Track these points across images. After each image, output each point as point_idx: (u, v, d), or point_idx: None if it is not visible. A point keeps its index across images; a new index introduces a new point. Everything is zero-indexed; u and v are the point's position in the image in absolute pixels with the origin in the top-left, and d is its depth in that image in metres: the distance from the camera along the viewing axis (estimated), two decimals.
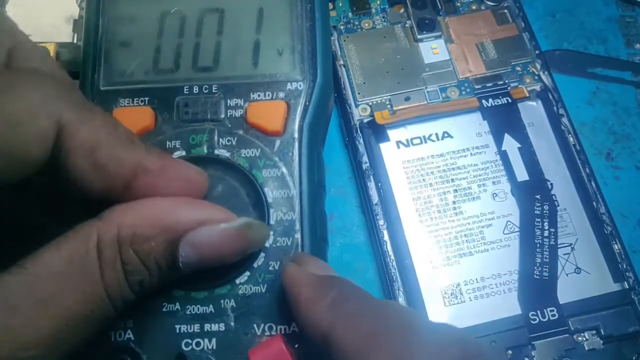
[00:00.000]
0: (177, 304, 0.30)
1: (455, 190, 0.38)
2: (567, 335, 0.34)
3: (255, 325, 0.30)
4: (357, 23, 0.43)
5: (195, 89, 0.33)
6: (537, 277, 0.35)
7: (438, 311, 0.35)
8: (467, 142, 0.39)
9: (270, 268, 0.30)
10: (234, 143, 0.32)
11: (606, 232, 0.37)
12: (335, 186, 0.41)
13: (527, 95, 0.41)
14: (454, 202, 0.38)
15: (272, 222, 0.31)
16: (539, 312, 0.35)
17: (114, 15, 0.34)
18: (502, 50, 0.42)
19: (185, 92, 0.33)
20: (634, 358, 0.34)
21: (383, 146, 0.39)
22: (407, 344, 0.22)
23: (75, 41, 0.39)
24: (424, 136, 0.39)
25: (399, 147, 0.39)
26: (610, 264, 0.36)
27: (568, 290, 0.35)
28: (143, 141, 0.29)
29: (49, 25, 0.39)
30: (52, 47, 0.38)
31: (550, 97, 0.41)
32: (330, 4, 0.43)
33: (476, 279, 0.36)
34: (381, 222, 0.37)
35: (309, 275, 0.27)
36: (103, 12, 0.34)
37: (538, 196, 0.38)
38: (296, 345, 0.29)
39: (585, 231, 0.37)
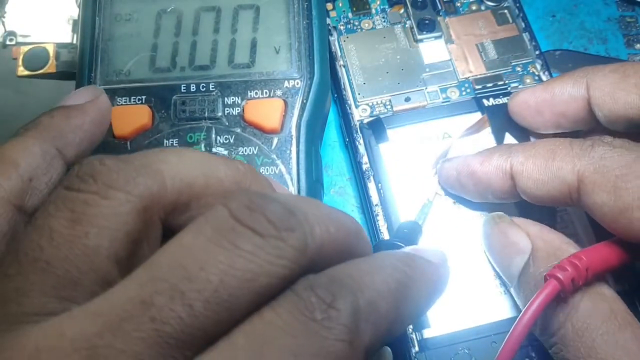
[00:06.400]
0: None
1: None
2: None
3: None
4: (357, 23, 0.43)
5: (193, 87, 0.33)
6: None
7: (438, 312, 0.35)
8: (467, 142, 0.39)
9: None
10: (231, 141, 0.32)
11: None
12: (335, 187, 0.40)
13: None
14: (454, 203, 0.37)
15: None
16: None
17: (110, 13, 0.34)
18: (502, 51, 0.42)
19: (182, 91, 0.33)
20: None
21: (383, 146, 0.39)
22: None
23: (75, 41, 0.39)
24: (424, 137, 0.39)
25: (399, 148, 0.39)
26: None
27: None
28: (140, 140, 0.29)
29: (49, 25, 0.39)
30: (52, 47, 0.38)
31: None
32: (330, 4, 0.43)
33: (477, 279, 0.35)
34: (381, 222, 0.37)
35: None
36: (99, 10, 0.34)
37: None
38: None
39: (586, 231, 0.37)
